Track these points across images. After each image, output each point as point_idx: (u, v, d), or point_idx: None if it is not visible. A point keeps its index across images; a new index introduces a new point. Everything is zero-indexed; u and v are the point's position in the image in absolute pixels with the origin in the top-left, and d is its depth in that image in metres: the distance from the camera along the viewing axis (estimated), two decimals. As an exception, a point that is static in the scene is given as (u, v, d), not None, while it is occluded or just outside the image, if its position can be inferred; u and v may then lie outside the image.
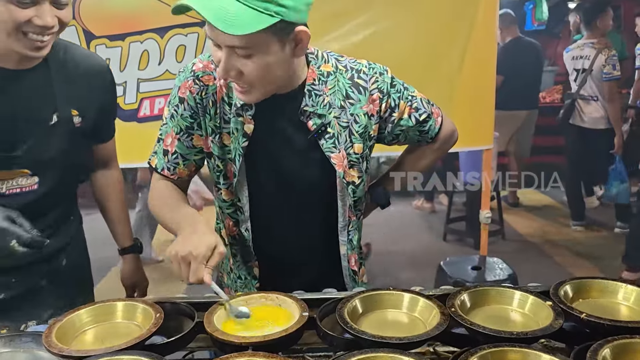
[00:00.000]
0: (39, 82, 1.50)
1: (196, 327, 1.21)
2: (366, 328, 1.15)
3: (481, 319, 1.18)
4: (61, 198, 1.66)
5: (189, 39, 2.77)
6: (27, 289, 1.62)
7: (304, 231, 1.55)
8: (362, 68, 1.47)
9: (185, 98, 1.43)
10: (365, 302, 1.24)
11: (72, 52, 1.60)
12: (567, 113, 5.12)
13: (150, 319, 1.17)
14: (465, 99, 2.93)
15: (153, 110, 2.83)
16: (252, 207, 1.50)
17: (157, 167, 1.51)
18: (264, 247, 1.55)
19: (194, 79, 1.42)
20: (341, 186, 1.48)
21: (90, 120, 1.62)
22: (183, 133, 1.46)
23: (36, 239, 1.38)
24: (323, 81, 1.43)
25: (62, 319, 1.16)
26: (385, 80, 1.48)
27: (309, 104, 1.41)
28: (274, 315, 1.26)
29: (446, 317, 1.14)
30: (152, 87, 2.80)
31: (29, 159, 1.51)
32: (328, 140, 1.44)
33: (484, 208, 3.17)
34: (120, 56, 2.75)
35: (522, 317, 1.20)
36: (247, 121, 1.41)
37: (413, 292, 1.26)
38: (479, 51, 2.93)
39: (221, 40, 1.23)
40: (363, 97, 1.45)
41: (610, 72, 4.76)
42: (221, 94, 1.42)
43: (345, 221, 1.52)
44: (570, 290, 1.26)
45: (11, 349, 1.25)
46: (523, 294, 1.23)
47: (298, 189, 1.49)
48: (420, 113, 1.54)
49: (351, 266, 1.58)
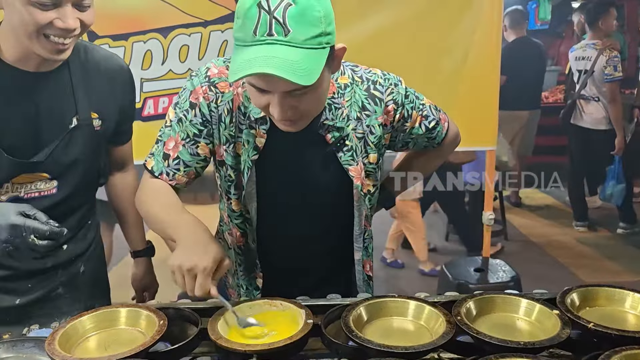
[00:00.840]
0: (59, 85, 1.47)
1: (200, 333, 1.21)
2: (371, 336, 1.15)
3: (487, 327, 1.18)
4: (80, 203, 1.62)
5: (193, 39, 2.75)
6: (44, 295, 1.60)
7: (314, 242, 1.54)
8: (377, 79, 1.45)
9: (198, 104, 1.38)
10: (370, 310, 1.23)
11: (93, 53, 1.56)
12: (567, 113, 5.11)
13: (153, 326, 1.16)
14: (469, 99, 2.90)
15: (157, 109, 2.81)
16: (261, 218, 1.48)
17: (153, 170, 1.44)
18: (270, 259, 1.54)
19: (209, 86, 1.37)
20: (358, 197, 1.47)
21: (111, 123, 1.59)
22: (189, 140, 1.41)
23: (55, 230, 1.33)
24: (341, 94, 1.41)
25: (65, 325, 1.16)
26: (400, 92, 1.46)
27: (329, 117, 1.39)
28: (278, 321, 1.26)
29: (452, 326, 1.14)
30: (155, 87, 2.78)
31: (49, 163, 1.49)
32: (346, 153, 1.42)
33: (487, 209, 3.16)
34: (123, 56, 2.72)
35: (529, 325, 1.20)
36: (260, 135, 1.38)
37: (418, 300, 1.25)
38: (483, 50, 2.90)
39: (280, 89, 1.18)
40: (379, 108, 1.44)
41: (611, 73, 4.73)
42: (237, 102, 1.39)
43: (361, 229, 1.52)
44: (577, 298, 1.25)
45: (13, 354, 1.24)
46: (530, 302, 1.22)
47: (312, 201, 1.47)
48: (429, 121, 1.55)
49: (366, 271, 1.59)
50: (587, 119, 4.99)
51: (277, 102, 1.20)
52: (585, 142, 5.10)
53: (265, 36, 1.13)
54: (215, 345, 1.14)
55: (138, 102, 2.78)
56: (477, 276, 3.07)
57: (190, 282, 1.20)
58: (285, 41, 1.13)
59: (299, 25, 1.13)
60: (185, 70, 2.77)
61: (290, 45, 1.13)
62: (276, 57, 1.12)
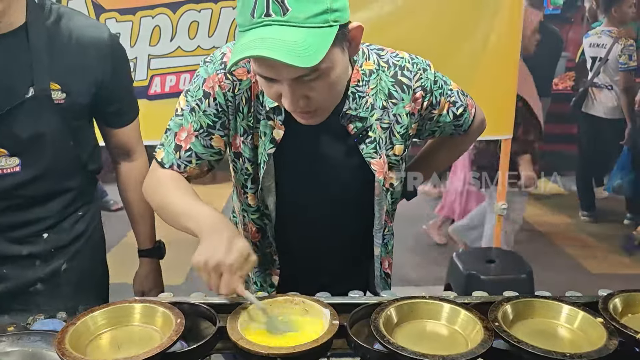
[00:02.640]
0: (12, 50, 1.36)
1: (218, 332, 1.13)
2: (402, 340, 1.07)
3: (525, 333, 1.10)
4: (58, 188, 1.51)
5: (202, 15, 2.66)
6: (21, 286, 1.51)
7: (333, 237, 1.46)
8: (405, 64, 1.35)
9: (213, 93, 1.29)
10: (400, 311, 1.15)
11: (69, 20, 1.43)
12: (579, 101, 5.02)
13: (170, 325, 1.08)
14: (487, 85, 2.81)
15: (164, 88, 2.72)
16: (280, 213, 1.39)
17: (163, 162, 1.34)
18: (286, 255, 1.46)
19: (226, 73, 1.28)
20: (379, 191, 1.38)
21: (82, 98, 1.45)
22: (203, 131, 1.32)
23: None
24: (366, 81, 1.31)
25: (75, 322, 1.08)
26: (429, 77, 1.37)
27: (352, 107, 1.29)
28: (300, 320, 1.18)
29: (491, 333, 1.06)
30: (163, 64, 2.69)
31: (4, 136, 1.38)
32: (369, 145, 1.33)
33: (499, 200, 3.08)
34: (131, 31, 2.63)
35: (571, 334, 1.12)
36: (277, 126, 1.29)
37: (451, 302, 1.17)
38: (503, 35, 2.81)
39: (286, 76, 1.10)
40: (406, 95, 1.35)
41: (626, 62, 4.65)
42: (256, 90, 1.29)
43: (381, 225, 1.43)
44: (619, 304, 1.18)
45: (19, 347, 1.17)
46: (572, 308, 1.14)
47: (333, 195, 1.39)
48: (457, 107, 1.46)
49: (384, 269, 1.51)
50: (599, 108, 4.90)
51: (287, 91, 1.12)
52: (596, 131, 5.02)
53: (262, 17, 1.05)
54: (236, 346, 1.07)
55: (145, 79, 2.69)
56: (489, 267, 2.99)
57: (216, 280, 1.14)
58: (283, 21, 1.04)
59: (299, 2, 1.04)
60: (195, 47, 2.68)
61: (289, 25, 1.04)
62: (272, 38, 1.03)
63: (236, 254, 1.14)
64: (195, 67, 2.70)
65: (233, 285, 1.13)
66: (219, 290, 1.14)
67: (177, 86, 2.73)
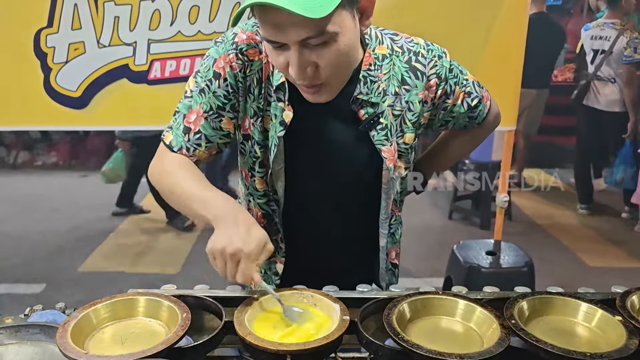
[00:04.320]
0: None
1: (224, 327, 1.09)
2: (416, 337, 1.04)
3: (542, 331, 1.07)
4: None
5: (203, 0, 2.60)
6: None
7: (340, 226, 1.42)
8: (420, 50, 1.31)
9: (223, 74, 1.25)
10: (413, 307, 1.12)
11: None
12: (581, 94, 4.98)
13: (175, 319, 1.04)
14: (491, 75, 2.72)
15: (164, 73, 2.66)
16: (286, 198, 1.35)
17: (172, 145, 1.29)
18: (292, 242, 1.42)
19: (237, 53, 1.23)
20: (387, 179, 1.34)
21: None
22: (212, 113, 1.27)
23: None
24: (378, 65, 1.27)
25: (77, 315, 1.03)
26: (444, 65, 1.33)
27: (363, 92, 1.26)
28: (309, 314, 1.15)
29: (508, 331, 1.03)
30: (163, 49, 2.63)
31: None
32: (380, 132, 1.29)
33: (501, 192, 3.05)
34: (130, 15, 2.57)
35: (589, 332, 1.09)
36: (287, 108, 1.25)
37: (465, 298, 1.13)
38: (509, 25, 2.75)
39: (292, 37, 1.05)
40: (420, 82, 1.30)
41: (631, 54, 4.63)
42: (267, 71, 1.25)
43: (387, 214, 1.39)
44: (637, 302, 1.14)
45: (17, 340, 1.13)
46: (590, 306, 1.11)
47: (341, 181, 1.35)
48: (472, 98, 1.42)
49: (391, 259, 1.48)
50: (601, 101, 4.88)
51: (294, 56, 1.07)
52: (597, 124, 5.00)
53: None
54: (243, 342, 1.03)
55: (144, 64, 2.64)
56: (489, 259, 2.97)
57: (233, 268, 1.11)
58: None
59: None
60: (195, 32, 2.63)
61: None
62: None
63: (255, 242, 1.10)
64: (196, 52, 2.68)
65: (250, 273, 1.10)
66: (236, 279, 1.11)
67: (177, 71, 2.67)
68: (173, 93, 2.67)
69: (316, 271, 1.37)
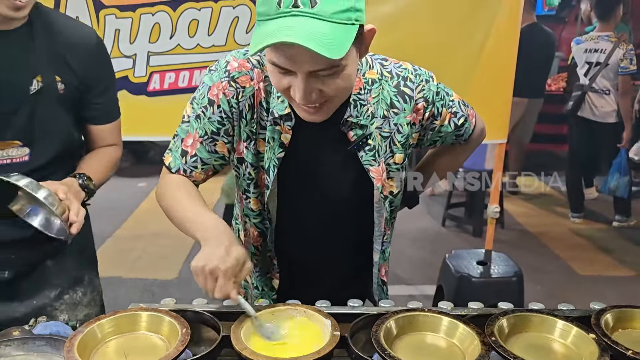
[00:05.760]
0: (20, 44, 1.47)
1: (222, 341, 1.16)
2: (402, 353, 1.11)
3: (521, 347, 1.14)
4: (60, 174, 1.57)
5: (203, 14, 2.66)
6: (31, 267, 1.59)
7: (333, 243, 1.48)
8: (408, 75, 1.38)
9: (217, 101, 1.32)
10: (400, 323, 1.18)
11: (60, 20, 1.56)
12: (576, 105, 5.03)
13: (175, 333, 1.11)
14: (482, 90, 2.83)
15: (163, 85, 2.72)
16: (280, 217, 1.42)
17: (171, 166, 1.40)
18: (288, 258, 1.49)
19: (229, 81, 1.31)
20: (378, 198, 1.41)
21: (73, 88, 1.55)
22: (207, 137, 1.36)
23: None
24: (368, 89, 1.34)
25: (83, 330, 1.10)
26: (431, 89, 1.40)
27: (353, 114, 1.32)
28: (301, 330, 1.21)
29: (487, 348, 1.09)
30: (162, 61, 2.68)
31: (16, 128, 1.48)
32: (368, 153, 1.36)
33: (492, 202, 3.12)
34: (131, 28, 2.63)
35: (564, 349, 1.16)
36: (285, 131, 1.33)
37: (449, 315, 1.20)
38: (501, 39, 2.82)
39: (305, 69, 1.11)
40: (408, 106, 1.37)
41: (627, 66, 4.72)
42: (259, 97, 1.33)
43: (381, 232, 1.46)
44: (611, 320, 1.21)
45: (24, 352, 1.19)
46: (566, 323, 1.18)
47: (332, 201, 1.41)
48: (458, 117, 1.49)
49: (381, 276, 1.54)
50: (595, 112, 4.95)
51: (301, 83, 1.13)
52: (589, 135, 5.07)
53: (290, 7, 1.07)
54: (239, 356, 1.09)
55: (144, 76, 2.70)
56: (480, 269, 3.04)
57: (212, 284, 1.17)
58: (311, 13, 1.06)
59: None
60: (194, 45, 2.69)
61: (316, 18, 1.06)
62: (300, 28, 1.05)
63: (233, 261, 1.17)
64: (195, 64, 2.75)
65: (227, 290, 1.17)
66: (214, 294, 1.18)
67: (176, 83, 2.73)
68: (172, 105, 2.73)
69: (310, 286, 1.45)
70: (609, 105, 4.89)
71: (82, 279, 1.74)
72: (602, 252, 4.74)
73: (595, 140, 5.09)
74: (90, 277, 1.78)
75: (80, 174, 1.57)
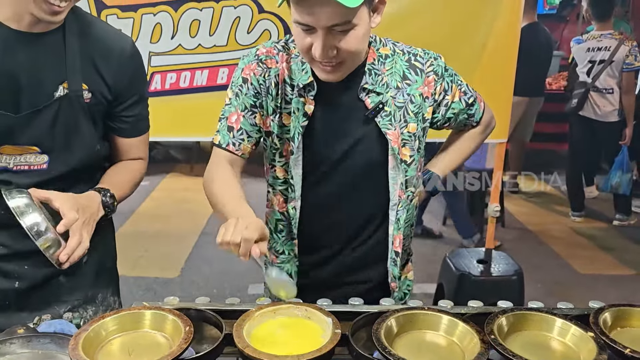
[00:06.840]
0: (51, 48, 1.43)
1: (224, 339, 1.17)
2: (402, 350, 1.12)
3: (519, 345, 1.15)
4: (80, 186, 1.53)
5: (204, 14, 2.67)
6: (43, 280, 1.55)
7: (352, 211, 1.58)
8: (418, 52, 1.55)
9: (249, 79, 1.51)
10: (400, 322, 1.20)
11: (96, 26, 1.52)
12: (580, 104, 5.04)
13: (179, 332, 1.12)
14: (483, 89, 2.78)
15: (164, 85, 2.74)
16: (304, 184, 1.54)
17: (220, 143, 1.54)
18: (309, 225, 1.58)
19: (258, 62, 1.51)
20: (393, 163, 1.51)
21: (102, 98, 1.50)
22: (247, 110, 1.52)
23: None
24: (382, 62, 1.50)
25: (87, 328, 1.11)
26: (440, 64, 1.55)
27: (369, 82, 1.48)
28: (302, 328, 1.23)
29: (487, 346, 1.11)
30: (164, 62, 2.70)
31: (36, 133, 1.43)
32: (384, 118, 1.49)
33: (492, 201, 3.13)
34: (132, 28, 2.64)
35: (563, 347, 1.17)
36: (308, 102, 1.48)
37: (449, 314, 1.22)
38: (502, 39, 2.84)
39: (323, 22, 1.27)
40: (419, 78, 1.52)
41: (632, 62, 4.76)
42: (283, 75, 1.50)
43: (396, 199, 1.54)
44: (609, 318, 1.23)
45: (29, 350, 1.21)
46: (564, 322, 1.19)
47: (351, 166, 1.52)
48: (468, 97, 1.62)
49: (394, 247, 1.59)
50: (597, 111, 4.97)
51: (320, 40, 1.30)
52: (590, 134, 5.09)
53: None
54: (242, 354, 1.11)
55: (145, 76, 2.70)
56: (480, 268, 3.05)
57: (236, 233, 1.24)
58: None
59: None
60: (196, 45, 2.70)
61: None
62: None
63: (254, 222, 1.28)
64: (196, 64, 2.76)
65: (250, 240, 1.24)
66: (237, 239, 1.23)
67: (177, 83, 2.75)
68: (173, 105, 2.75)
69: (330, 254, 1.61)
70: (610, 105, 4.91)
71: (95, 298, 1.67)
72: (602, 250, 4.75)
73: (596, 139, 5.10)
74: (104, 296, 1.70)
75: (105, 190, 1.52)
